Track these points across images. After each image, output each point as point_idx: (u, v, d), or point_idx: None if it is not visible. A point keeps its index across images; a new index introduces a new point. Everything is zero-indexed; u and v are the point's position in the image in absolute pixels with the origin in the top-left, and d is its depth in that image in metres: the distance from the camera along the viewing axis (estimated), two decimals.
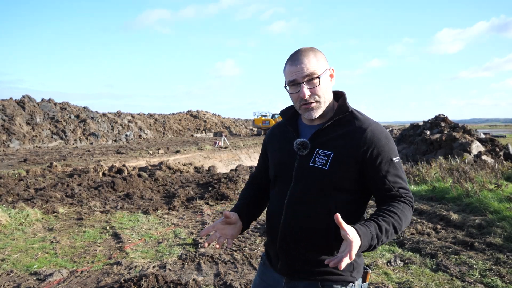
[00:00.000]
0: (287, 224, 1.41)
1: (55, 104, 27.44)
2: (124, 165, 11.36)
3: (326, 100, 1.42)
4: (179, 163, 13.24)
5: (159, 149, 19.00)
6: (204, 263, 3.95)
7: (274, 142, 1.58)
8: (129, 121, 32.66)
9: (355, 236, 1.17)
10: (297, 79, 1.38)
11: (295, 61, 1.39)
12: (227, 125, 48.59)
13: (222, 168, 16.34)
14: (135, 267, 3.84)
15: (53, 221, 5.73)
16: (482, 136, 15.66)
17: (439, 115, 17.64)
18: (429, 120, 17.85)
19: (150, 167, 12.22)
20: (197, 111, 48.14)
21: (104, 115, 31.04)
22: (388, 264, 3.86)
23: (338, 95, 1.51)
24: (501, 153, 13.96)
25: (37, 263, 4.01)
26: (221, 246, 1.43)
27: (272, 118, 39.40)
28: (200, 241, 4.64)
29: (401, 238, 4.66)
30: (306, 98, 1.38)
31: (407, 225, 1.35)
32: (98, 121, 28.50)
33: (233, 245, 4.54)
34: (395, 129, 40.52)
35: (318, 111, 1.41)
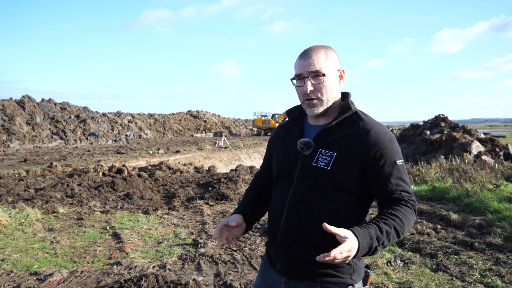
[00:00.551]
0: (289, 223, 1.41)
1: (55, 104, 27.44)
2: (124, 165, 11.37)
3: (330, 99, 1.43)
4: (179, 163, 13.24)
5: (159, 149, 19.00)
6: (204, 263, 3.95)
7: (279, 143, 1.59)
8: (129, 121, 32.66)
9: (350, 236, 1.18)
10: (303, 73, 1.40)
11: (305, 56, 1.42)
12: (227, 125, 48.58)
13: (222, 168, 16.34)
14: (135, 267, 3.84)
15: (53, 221, 5.73)
16: (482, 136, 15.66)
17: (439, 115, 17.63)
18: (429, 120, 17.84)
19: (150, 167, 12.22)
20: (197, 111, 48.12)
21: (104, 115, 31.03)
22: (388, 264, 3.87)
23: (344, 95, 1.52)
24: (501, 153, 13.96)
25: (37, 263, 4.01)
26: (230, 244, 1.50)
27: (272, 118, 39.37)
28: (200, 241, 4.65)
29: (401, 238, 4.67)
30: (308, 92, 1.40)
31: (409, 228, 1.34)
32: (98, 121, 28.50)
33: None
34: (395, 129, 40.52)
35: (319, 108, 1.42)
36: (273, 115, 40.07)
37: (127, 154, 16.81)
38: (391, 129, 40.01)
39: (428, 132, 16.00)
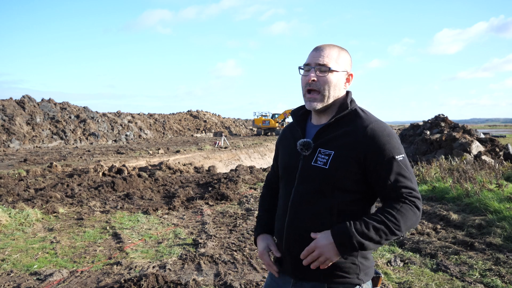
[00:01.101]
0: (291, 224, 1.42)
1: (55, 104, 27.44)
2: (124, 165, 11.37)
3: (330, 96, 1.43)
4: (179, 163, 13.24)
5: (159, 149, 19.00)
6: (204, 263, 3.95)
7: (284, 144, 1.60)
8: (129, 121, 32.66)
9: (320, 235, 1.31)
10: (311, 63, 1.43)
11: (318, 49, 1.44)
12: (227, 125, 48.58)
13: (222, 168, 16.34)
14: (135, 267, 3.84)
15: (53, 221, 5.73)
16: (482, 136, 15.65)
17: (439, 115, 17.63)
18: (429, 120, 17.84)
19: (150, 167, 12.23)
20: (197, 111, 48.12)
21: (104, 115, 31.03)
22: (388, 264, 3.87)
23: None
24: (501, 153, 13.96)
25: (37, 263, 4.01)
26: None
27: (272, 118, 39.36)
28: (200, 241, 4.65)
29: (401, 238, 4.67)
30: (310, 81, 1.41)
31: (410, 225, 1.31)
32: (98, 121, 28.50)
33: (233, 245, 4.55)
34: (395, 129, 40.54)
35: (318, 104, 1.42)
36: (273, 115, 40.07)
37: (127, 154, 16.81)
38: None
39: (428, 132, 16.00)
